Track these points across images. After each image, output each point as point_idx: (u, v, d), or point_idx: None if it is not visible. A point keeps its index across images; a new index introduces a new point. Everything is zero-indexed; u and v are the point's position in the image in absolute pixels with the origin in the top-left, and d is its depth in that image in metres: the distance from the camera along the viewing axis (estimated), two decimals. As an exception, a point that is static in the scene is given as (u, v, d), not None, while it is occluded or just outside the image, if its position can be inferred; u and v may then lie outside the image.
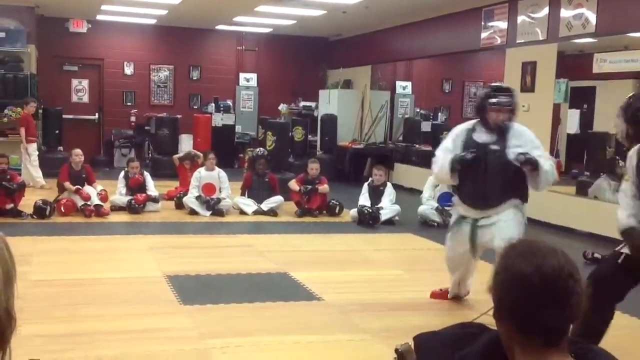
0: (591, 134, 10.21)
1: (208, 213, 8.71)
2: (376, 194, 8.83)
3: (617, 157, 9.54)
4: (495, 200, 4.54)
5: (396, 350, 1.99)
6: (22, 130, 10.61)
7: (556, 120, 8.96)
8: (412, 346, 1.83)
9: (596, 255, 6.63)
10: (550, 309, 1.39)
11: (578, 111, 8.94)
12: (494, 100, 4.54)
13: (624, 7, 7.74)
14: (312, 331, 4.42)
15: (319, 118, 14.10)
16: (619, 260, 3.59)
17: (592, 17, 8.00)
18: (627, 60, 7.95)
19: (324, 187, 9.06)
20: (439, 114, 14.96)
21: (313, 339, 4.26)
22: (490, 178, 4.52)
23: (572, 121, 10.04)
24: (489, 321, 1.55)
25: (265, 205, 8.93)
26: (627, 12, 7.70)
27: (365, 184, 9.06)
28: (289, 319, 4.64)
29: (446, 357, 1.59)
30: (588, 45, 8.87)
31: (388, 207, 8.68)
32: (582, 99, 10.11)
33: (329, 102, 14.10)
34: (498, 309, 1.48)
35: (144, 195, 8.78)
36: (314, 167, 9.15)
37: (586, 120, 10.25)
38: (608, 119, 9.98)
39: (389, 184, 9.07)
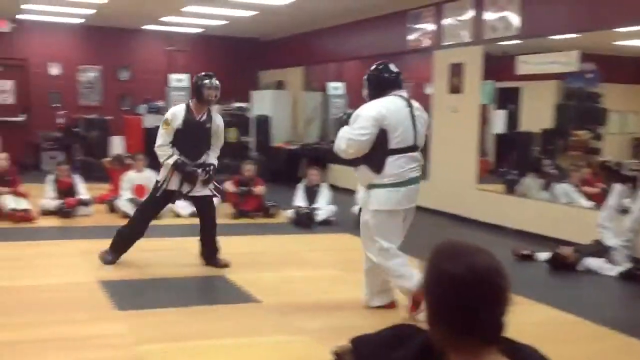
0: (517, 134, 10.55)
1: (141, 216, 8.55)
2: (312, 194, 8.88)
3: (542, 156, 9.90)
4: None
5: (334, 352, 2.05)
6: None
7: (484, 121, 9.22)
8: (349, 348, 1.89)
9: (525, 252, 6.86)
10: (485, 307, 1.39)
11: (504, 112, 9.25)
12: None
13: (546, 11, 8.05)
14: (251, 333, 4.42)
15: (253, 119, 14.07)
16: None
17: (515, 20, 8.29)
18: (549, 62, 8.27)
19: (259, 189, 9.05)
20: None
21: (252, 342, 4.27)
22: None
23: (498, 121, 10.37)
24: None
25: (200, 208, 8.83)
26: (548, 15, 8.01)
27: (301, 185, 9.10)
28: (226, 322, 4.64)
29: (382, 359, 1.64)
30: (513, 47, 9.16)
31: (324, 207, 8.75)
32: (508, 99, 10.44)
33: (262, 103, 14.06)
34: (433, 313, 1.46)
35: (75, 198, 8.58)
36: (248, 169, 9.14)
37: (512, 120, 10.61)
38: (533, 119, 10.38)
39: (324, 184, 9.13)
